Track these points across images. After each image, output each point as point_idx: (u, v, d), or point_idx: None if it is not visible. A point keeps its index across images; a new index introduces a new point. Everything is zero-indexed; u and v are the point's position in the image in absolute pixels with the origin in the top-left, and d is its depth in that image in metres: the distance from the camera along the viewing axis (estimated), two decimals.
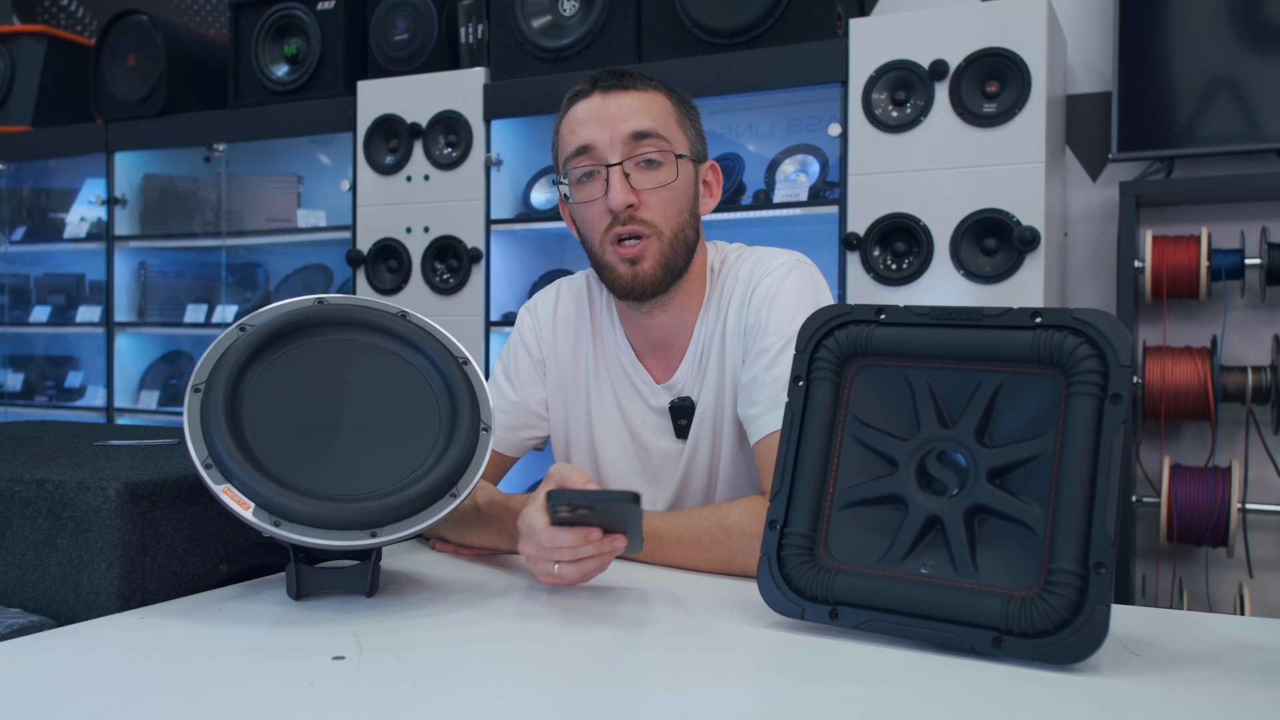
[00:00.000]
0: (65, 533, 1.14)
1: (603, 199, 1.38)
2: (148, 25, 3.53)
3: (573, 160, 1.41)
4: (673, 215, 1.40)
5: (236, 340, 1.15)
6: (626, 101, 1.39)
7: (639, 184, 1.38)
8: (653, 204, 1.38)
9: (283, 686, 0.87)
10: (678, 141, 1.41)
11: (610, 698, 0.86)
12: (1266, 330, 2.61)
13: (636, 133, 1.37)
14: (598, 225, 1.40)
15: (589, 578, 1.16)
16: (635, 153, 1.37)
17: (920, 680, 0.90)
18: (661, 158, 1.38)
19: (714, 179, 1.50)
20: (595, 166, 1.39)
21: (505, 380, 1.57)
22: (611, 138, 1.37)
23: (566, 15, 2.95)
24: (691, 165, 1.43)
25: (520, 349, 1.57)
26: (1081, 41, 2.81)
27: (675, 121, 1.42)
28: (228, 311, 3.55)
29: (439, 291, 3.06)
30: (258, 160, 3.65)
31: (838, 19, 2.64)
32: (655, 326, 1.47)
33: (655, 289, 1.40)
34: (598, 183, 1.39)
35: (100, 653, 0.97)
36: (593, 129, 1.38)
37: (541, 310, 1.58)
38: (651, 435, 1.51)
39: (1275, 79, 2.50)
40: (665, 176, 1.39)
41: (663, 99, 1.42)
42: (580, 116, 1.40)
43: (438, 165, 3.08)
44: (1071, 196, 2.84)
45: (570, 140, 1.41)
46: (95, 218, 3.79)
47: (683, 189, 1.41)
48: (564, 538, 1.11)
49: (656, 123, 1.38)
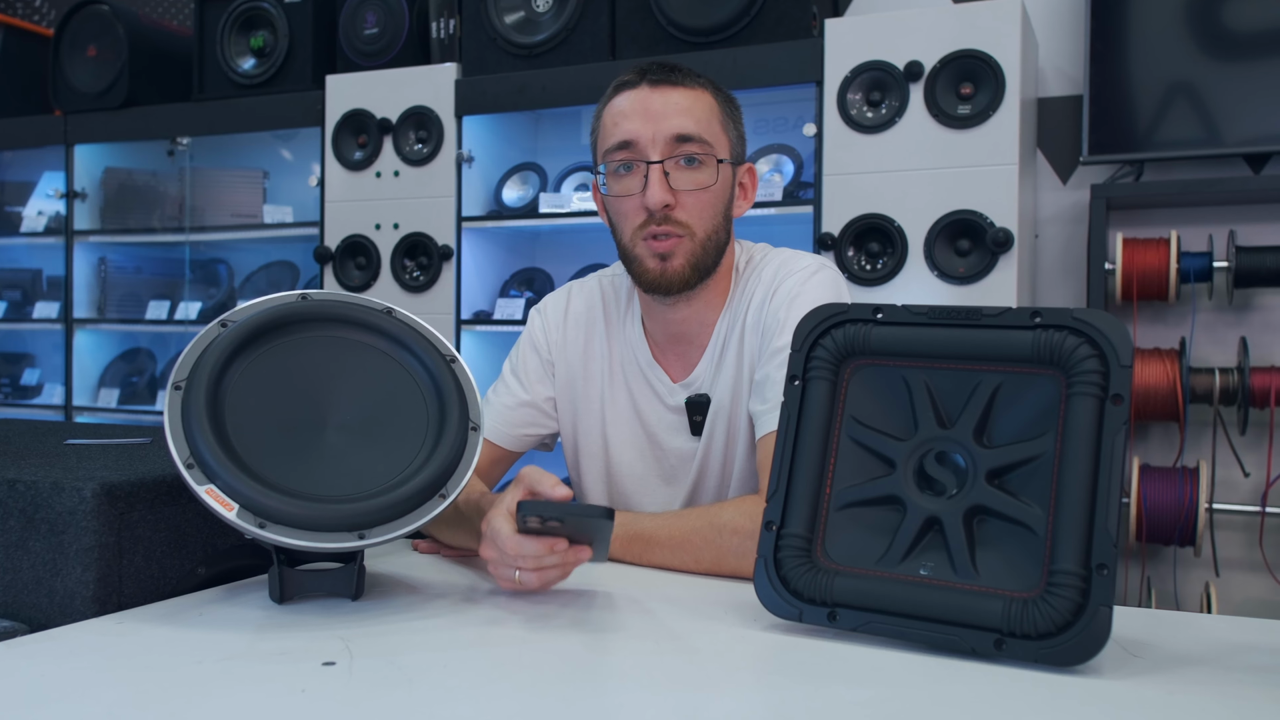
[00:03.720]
0: (38, 535, 1.11)
1: (640, 195, 1.37)
2: (109, 15, 3.46)
3: (613, 153, 1.39)
4: (708, 218, 1.39)
5: (218, 337, 1.12)
6: (674, 99, 1.37)
7: (678, 184, 1.36)
8: (689, 205, 1.37)
9: (274, 694, 0.85)
10: (720, 145, 1.40)
11: (614, 703, 0.84)
12: (1233, 332, 2.65)
13: (680, 135, 1.36)
14: (631, 220, 1.39)
15: (549, 586, 1.14)
16: (676, 152, 1.36)
17: (924, 683, 0.89)
18: (703, 158, 1.37)
19: (750, 181, 1.49)
20: (635, 161, 1.37)
21: (513, 377, 1.56)
22: (655, 135, 1.36)
23: (540, 11, 2.93)
24: (730, 168, 1.43)
25: (529, 349, 1.56)
26: (1052, 45, 2.84)
27: (719, 123, 1.41)
28: (191, 308, 3.49)
29: (409, 289, 3.03)
30: (222, 155, 3.59)
31: (813, 19, 2.64)
32: (678, 320, 1.46)
33: (682, 286, 1.40)
34: (636, 177, 1.37)
35: (79, 659, 0.93)
36: (636, 123, 1.37)
37: (551, 312, 1.57)
38: (668, 435, 1.49)
39: (1240, 85, 2.53)
40: (705, 179, 1.38)
41: (709, 99, 1.40)
42: (624, 109, 1.38)
43: (408, 161, 3.05)
44: (1042, 199, 2.86)
45: (613, 132, 1.39)
46: (54, 211, 3.71)
47: (720, 192, 1.40)
48: (529, 547, 1.09)
49: (700, 126, 1.37)
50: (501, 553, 1.11)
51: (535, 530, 1.08)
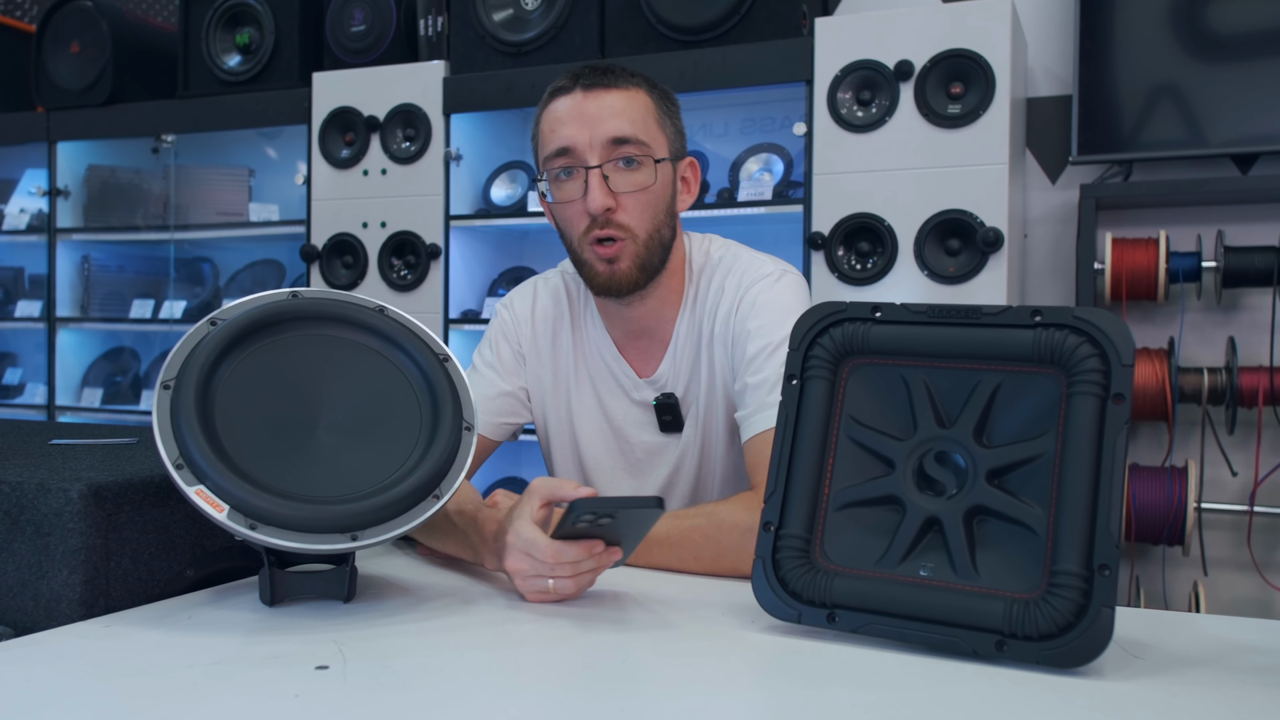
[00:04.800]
0: (23, 537, 1.09)
1: (581, 200, 1.38)
2: (92, 11, 3.43)
3: (552, 160, 1.40)
4: (649, 218, 1.40)
5: (207, 335, 1.10)
6: (608, 102, 1.38)
7: (617, 186, 1.37)
8: (630, 207, 1.39)
9: (267, 698, 0.83)
10: (657, 144, 1.41)
11: (612, 707, 0.83)
12: (1221, 332, 2.65)
13: (616, 138, 1.37)
14: (576, 225, 1.41)
15: (583, 592, 1.13)
16: (614, 155, 1.37)
17: (925, 685, 0.88)
18: (641, 161, 1.38)
19: (692, 175, 1.50)
20: (574, 166, 1.38)
21: (487, 368, 1.56)
22: (591, 139, 1.37)
23: (529, 9, 2.91)
24: (670, 165, 1.43)
25: (501, 339, 1.57)
26: (1041, 45, 2.84)
27: (655, 121, 1.41)
28: (176, 307, 3.46)
29: (397, 288, 3.01)
30: (207, 153, 3.56)
31: (803, 18, 2.64)
32: (635, 318, 1.48)
33: (632, 287, 1.42)
34: (576, 183, 1.38)
35: (67, 664, 0.92)
36: (573, 129, 1.37)
37: (519, 307, 1.58)
38: (634, 429, 1.51)
39: (1227, 86, 2.54)
40: (644, 179, 1.39)
41: (644, 97, 1.41)
42: (560, 114, 1.39)
43: (395, 159, 3.03)
44: (1031, 198, 2.86)
45: (550, 139, 1.40)
46: (36, 209, 3.67)
47: (660, 192, 1.42)
48: (569, 553, 1.07)
49: (636, 127, 1.38)
50: (538, 562, 1.08)
51: (576, 534, 1.07)
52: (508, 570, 1.12)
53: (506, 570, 1.13)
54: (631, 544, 1.12)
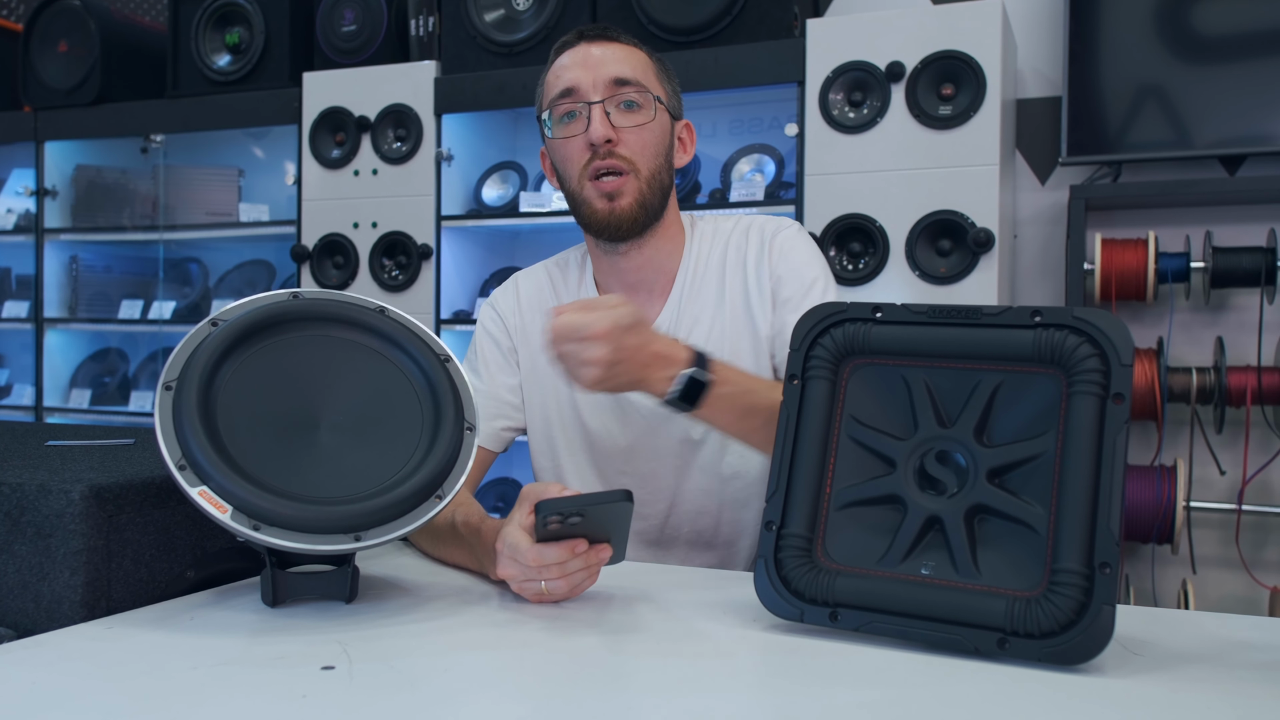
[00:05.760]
0: (23, 538, 1.08)
1: (583, 135, 1.42)
2: (80, 10, 3.41)
3: (557, 102, 1.45)
4: (650, 156, 1.45)
5: (209, 336, 1.10)
6: (610, 51, 1.45)
7: (618, 123, 1.42)
8: (631, 141, 1.43)
9: (274, 699, 0.83)
10: (656, 90, 1.47)
11: (619, 705, 0.83)
12: (1209, 332, 2.67)
13: (618, 78, 1.43)
14: (577, 161, 1.44)
15: (579, 592, 1.13)
16: (615, 94, 1.43)
17: (927, 683, 0.89)
18: (641, 101, 1.44)
19: (688, 137, 1.56)
20: (577, 105, 1.43)
21: (472, 374, 1.55)
22: (595, 80, 1.42)
23: (520, 9, 2.91)
24: (668, 116, 1.49)
25: (486, 341, 1.58)
26: (1030, 47, 2.85)
27: (654, 75, 1.49)
28: (165, 308, 3.44)
29: (388, 288, 3.01)
30: (196, 153, 3.55)
31: (794, 19, 2.65)
32: (633, 269, 1.51)
33: (631, 226, 1.44)
34: (579, 121, 1.43)
35: (72, 665, 0.91)
36: (577, 72, 1.43)
37: (503, 301, 1.59)
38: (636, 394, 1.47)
39: (1215, 88, 2.56)
40: (644, 118, 1.44)
41: (643, 55, 1.48)
42: (565, 63, 1.46)
43: (386, 160, 3.02)
44: (1021, 199, 2.88)
45: (555, 84, 1.46)
46: (23, 209, 3.65)
47: (660, 132, 1.46)
48: (550, 554, 1.08)
49: (637, 72, 1.45)
50: (523, 567, 1.09)
51: (555, 535, 1.07)
52: (501, 576, 1.13)
53: (500, 575, 1.13)
54: (619, 539, 1.12)
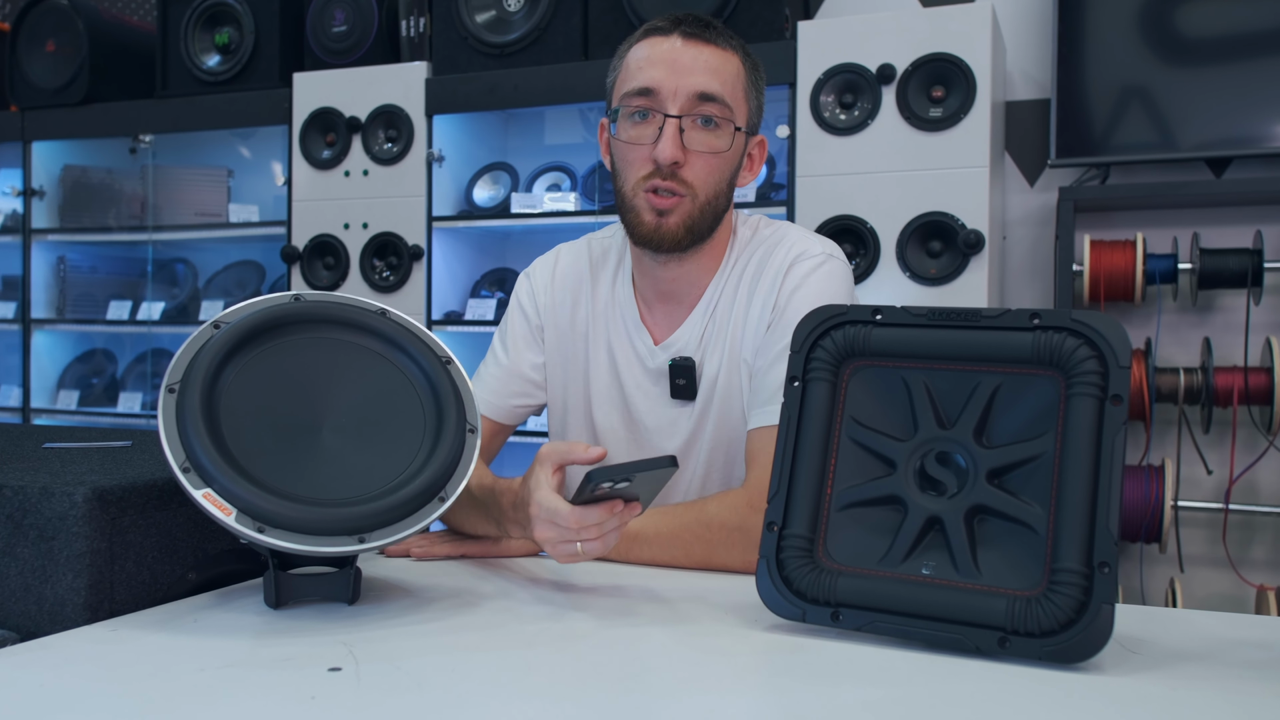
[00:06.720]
0: (26, 541, 1.08)
1: (650, 146, 1.34)
2: (68, 10, 3.40)
3: (632, 98, 1.36)
4: (712, 183, 1.37)
5: (211, 339, 1.10)
6: (704, 56, 1.34)
7: (691, 143, 1.34)
8: (697, 166, 1.35)
9: (283, 700, 0.83)
10: (740, 111, 1.38)
11: (625, 706, 0.84)
12: (1196, 333, 2.70)
13: (703, 94, 1.33)
14: (637, 169, 1.37)
15: (610, 549, 1.13)
16: (696, 111, 1.34)
17: (929, 682, 0.90)
18: (721, 122, 1.35)
19: (759, 154, 1.47)
20: (653, 110, 1.35)
21: (500, 346, 1.55)
22: (678, 88, 1.33)
23: (511, 10, 2.92)
24: (744, 137, 1.41)
25: (517, 315, 1.56)
26: (1019, 49, 2.87)
27: (743, 90, 1.39)
28: (154, 309, 3.43)
29: (379, 289, 3.01)
30: (185, 153, 3.54)
31: (785, 21, 2.66)
32: (668, 279, 1.46)
33: (674, 245, 1.38)
34: (650, 127, 1.35)
35: (77, 668, 0.92)
36: (661, 72, 1.34)
37: (539, 275, 1.57)
38: (642, 398, 1.48)
39: (1201, 91, 2.59)
40: (719, 144, 1.36)
41: (738, 63, 1.38)
42: (652, 55, 1.35)
43: (377, 160, 3.02)
44: (1010, 201, 2.90)
45: (635, 75, 1.36)
46: (10, 209, 3.63)
47: (730, 159, 1.39)
48: (592, 516, 1.08)
49: (725, 88, 1.35)
50: (562, 529, 1.10)
51: (597, 498, 1.08)
52: (537, 539, 1.13)
53: (535, 539, 1.14)
54: (649, 499, 1.13)
